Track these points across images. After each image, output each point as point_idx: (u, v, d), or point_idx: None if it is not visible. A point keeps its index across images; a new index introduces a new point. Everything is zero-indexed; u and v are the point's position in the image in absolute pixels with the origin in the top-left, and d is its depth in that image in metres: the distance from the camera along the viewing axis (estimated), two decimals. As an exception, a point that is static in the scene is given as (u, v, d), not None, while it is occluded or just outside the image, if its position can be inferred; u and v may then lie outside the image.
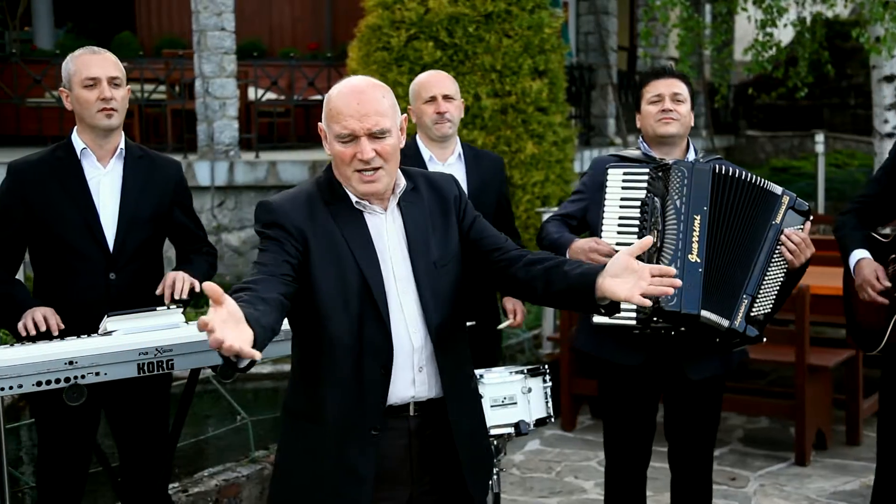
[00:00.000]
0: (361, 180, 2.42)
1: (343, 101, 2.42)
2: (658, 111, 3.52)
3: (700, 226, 3.29)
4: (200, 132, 9.20)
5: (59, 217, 3.27)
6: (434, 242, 2.53)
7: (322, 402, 2.48)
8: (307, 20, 13.86)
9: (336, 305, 2.42)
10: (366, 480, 2.45)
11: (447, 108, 3.92)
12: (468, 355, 2.66)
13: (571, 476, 5.20)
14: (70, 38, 12.94)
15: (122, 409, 3.42)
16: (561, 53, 7.44)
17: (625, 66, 15.28)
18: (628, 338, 3.40)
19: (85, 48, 3.37)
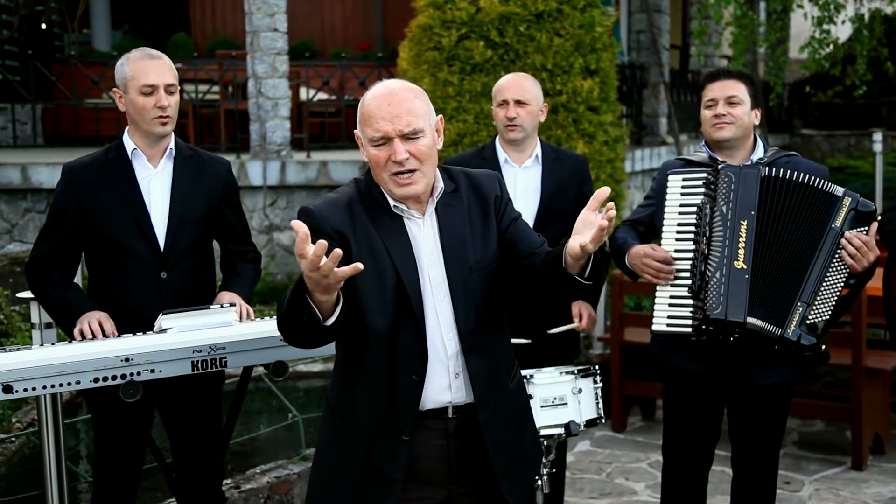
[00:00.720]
0: (398, 183, 2.41)
1: (375, 105, 2.40)
2: (712, 115, 3.48)
3: (747, 231, 3.24)
4: (253, 132, 9.30)
5: (111, 217, 3.32)
6: (471, 246, 2.49)
7: (355, 403, 2.50)
8: (358, 20, 13.93)
9: (373, 309, 2.42)
10: (394, 482, 2.45)
11: (517, 114, 3.89)
12: (508, 358, 2.62)
13: (622, 478, 5.17)
14: (127, 39, 13.15)
15: (176, 406, 3.47)
16: (612, 52, 7.38)
17: (677, 65, 15.13)
18: (690, 343, 3.37)
19: (141, 51, 3.38)
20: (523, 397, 2.71)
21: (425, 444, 2.49)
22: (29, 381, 2.71)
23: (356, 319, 2.43)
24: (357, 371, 2.49)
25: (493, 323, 2.53)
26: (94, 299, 3.36)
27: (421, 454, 2.49)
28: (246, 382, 3.18)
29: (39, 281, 3.36)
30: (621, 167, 7.51)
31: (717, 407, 3.58)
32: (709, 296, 3.23)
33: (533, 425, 2.75)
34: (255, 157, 9.17)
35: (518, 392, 2.66)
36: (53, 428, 3.33)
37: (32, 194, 8.61)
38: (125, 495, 3.48)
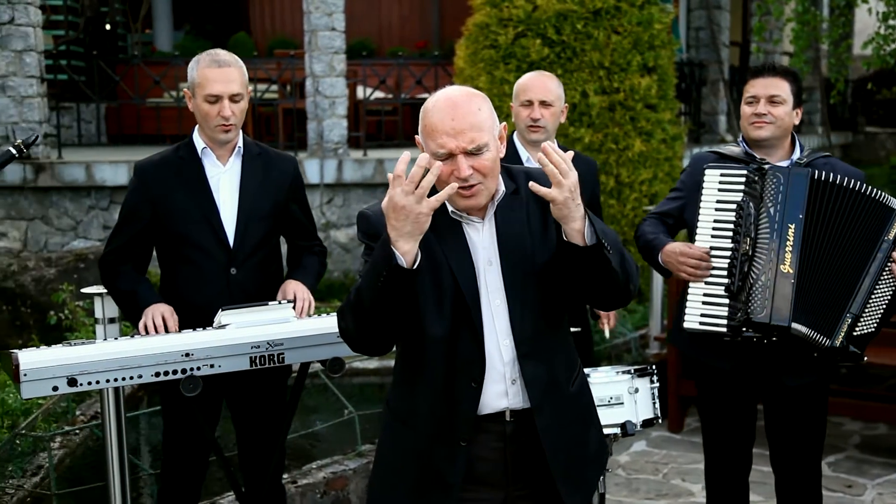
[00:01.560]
0: (460, 195, 2.37)
1: (438, 117, 2.33)
2: (751, 113, 3.42)
3: (794, 235, 3.18)
4: (310, 130, 9.38)
5: (181, 214, 3.38)
6: (530, 249, 2.45)
7: (414, 408, 2.49)
8: (415, 19, 13.98)
9: (432, 315, 2.40)
10: (452, 488, 2.44)
11: (541, 115, 3.87)
12: (568, 360, 2.57)
13: (678, 478, 5.12)
14: (188, 39, 13.36)
15: (243, 400, 3.53)
16: (671, 49, 7.31)
17: (737, 62, 14.92)
18: (719, 342, 3.33)
19: (211, 57, 3.37)
20: (586, 398, 2.66)
21: (482, 447, 2.48)
22: (92, 374, 2.77)
23: (415, 326, 2.42)
24: (416, 378, 2.48)
25: (551, 326, 2.49)
26: (164, 295, 3.42)
27: (478, 456, 2.48)
28: (303, 378, 3.21)
29: (110, 275, 3.43)
30: (679, 165, 7.44)
31: (749, 406, 3.53)
32: (753, 298, 3.18)
33: (598, 426, 2.69)
34: (313, 156, 9.26)
35: (580, 394, 2.61)
36: (116, 421, 3.40)
37: (96, 192, 8.79)
38: (191, 486, 3.54)
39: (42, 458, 4.63)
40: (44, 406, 5.04)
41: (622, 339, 6.66)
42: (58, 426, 4.98)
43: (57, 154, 9.09)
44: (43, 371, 2.72)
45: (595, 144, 6.92)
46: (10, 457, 4.55)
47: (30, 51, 8.71)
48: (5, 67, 8.66)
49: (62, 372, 2.74)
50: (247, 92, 3.43)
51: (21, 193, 8.79)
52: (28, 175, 8.72)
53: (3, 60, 8.65)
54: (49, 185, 8.76)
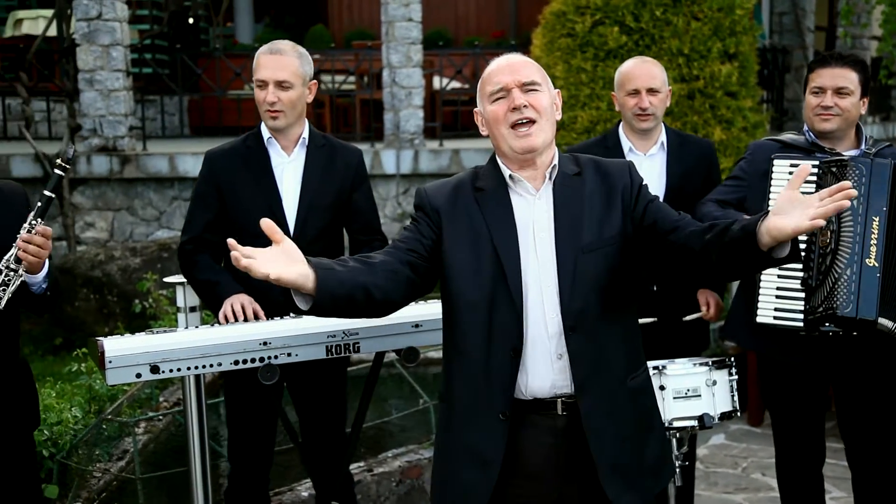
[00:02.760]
0: (516, 136, 2.44)
1: (494, 66, 2.54)
2: (817, 105, 3.33)
3: (879, 227, 3.09)
4: (387, 121, 9.44)
5: (246, 203, 3.43)
6: (587, 227, 2.45)
7: (453, 382, 2.52)
8: (492, 8, 13.94)
9: (468, 286, 2.44)
10: (491, 464, 2.44)
11: (650, 103, 3.76)
12: (627, 353, 2.52)
13: (758, 473, 5.04)
14: (268, 32, 13.54)
15: (305, 388, 3.57)
16: (753, 35, 7.16)
17: (822, 47, 14.54)
18: (787, 336, 3.25)
19: (270, 45, 3.46)
20: (647, 401, 2.60)
21: (532, 440, 2.47)
22: (174, 362, 2.83)
23: (451, 301, 2.48)
24: (455, 349, 2.51)
25: (606, 309, 2.46)
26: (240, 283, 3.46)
27: (528, 449, 2.47)
28: (378, 367, 3.24)
29: (188, 265, 3.50)
30: (761, 154, 7.28)
31: (818, 397, 3.46)
32: (838, 293, 3.10)
33: (661, 436, 2.64)
34: (389, 146, 9.31)
35: (639, 393, 2.56)
36: (197, 407, 3.47)
37: (179, 183, 8.99)
38: (259, 474, 3.61)
39: (127, 442, 4.77)
40: (129, 392, 5.19)
41: (701, 330, 6.56)
42: (142, 412, 5.12)
43: (142, 146, 9.32)
44: (127, 358, 2.79)
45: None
46: (97, 441, 4.69)
47: (116, 45, 8.94)
48: (93, 62, 8.90)
49: (145, 359, 2.81)
50: (306, 83, 3.43)
51: (108, 185, 9.04)
52: (114, 167, 8.96)
53: (91, 55, 8.89)
54: (134, 176, 8.99)
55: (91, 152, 9.03)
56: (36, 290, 2.93)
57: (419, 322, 3.01)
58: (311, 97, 3.50)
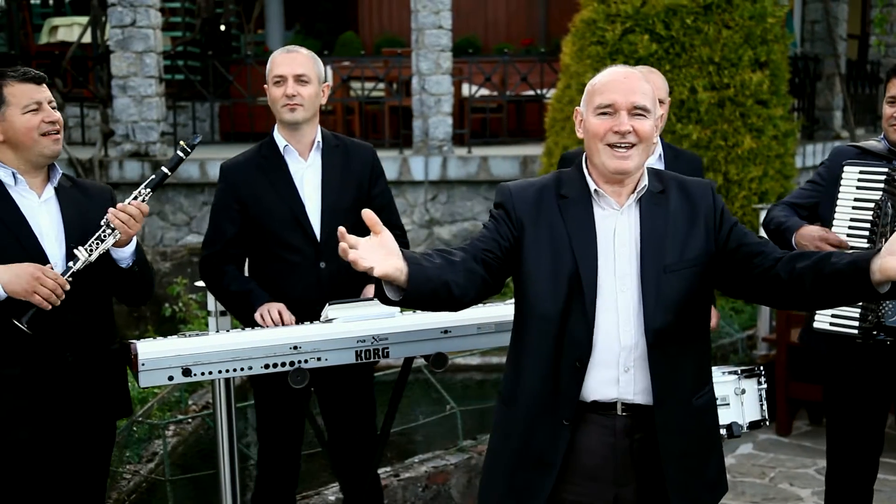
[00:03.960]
0: (613, 156, 2.44)
1: (610, 77, 2.49)
2: (891, 115, 3.30)
3: None
4: (416, 128, 9.47)
5: (268, 212, 3.44)
6: (670, 246, 2.47)
7: (519, 386, 2.53)
8: (522, 16, 13.95)
9: (545, 293, 2.45)
10: (552, 467, 2.46)
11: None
12: (698, 372, 2.55)
13: (786, 483, 5.00)
14: (298, 39, 13.64)
15: (333, 392, 3.58)
16: (784, 44, 7.13)
17: (854, 56, 14.42)
18: (855, 344, 3.23)
19: (284, 47, 3.54)
20: (711, 420, 2.63)
21: (590, 438, 2.48)
22: (206, 365, 2.86)
23: (525, 306, 2.49)
24: (523, 357, 2.53)
25: (684, 329, 2.48)
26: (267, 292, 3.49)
27: (586, 448, 2.49)
28: (407, 373, 3.25)
29: (216, 277, 3.51)
30: (791, 162, 7.25)
31: (880, 410, 3.42)
32: (885, 302, 3.08)
33: (720, 456, 2.66)
34: (418, 153, 9.34)
35: (704, 411, 2.58)
36: (227, 411, 3.50)
37: (209, 188, 9.07)
38: (287, 478, 3.62)
39: (157, 445, 4.81)
40: (159, 395, 5.23)
41: (729, 339, 6.53)
42: (171, 415, 5.16)
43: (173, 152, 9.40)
44: (159, 361, 2.83)
45: (703, 141, 6.80)
46: (128, 443, 4.73)
47: (149, 52, 9.04)
48: (126, 68, 9.01)
49: (177, 362, 2.84)
50: (321, 83, 3.47)
51: (139, 189, 9.12)
52: (146, 172, 9.05)
53: (124, 61, 9.00)
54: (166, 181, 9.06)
55: (123, 158, 9.13)
56: (123, 264, 3.05)
57: (448, 328, 3.02)
58: (324, 99, 3.53)
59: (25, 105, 2.95)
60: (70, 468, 3.05)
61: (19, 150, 2.96)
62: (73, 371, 2.97)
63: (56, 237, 3.00)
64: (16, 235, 2.92)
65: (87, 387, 3.01)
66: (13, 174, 2.98)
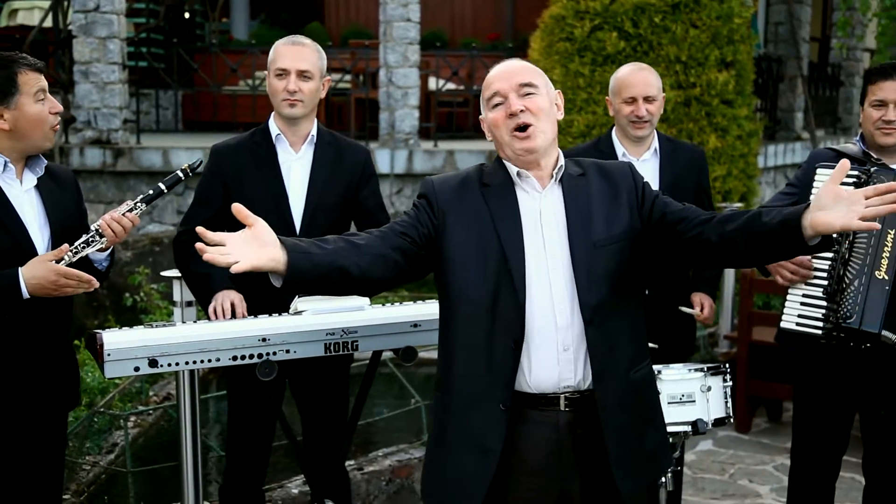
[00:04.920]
0: (517, 138, 2.49)
1: (493, 73, 2.58)
2: (879, 118, 3.30)
3: (893, 241, 3.10)
4: (382, 121, 9.44)
5: (251, 200, 3.37)
6: (597, 224, 2.51)
7: (452, 374, 2.53)
8: (489, 11, 13.97)
9: (472, 278, 2.47)
10: (493, 453, 2.46)
11: (646, 111, 3.77)
12: (635, 346, 2.58)
13: (745, 479, 5.06)
14: (263, 28, 13.54)
15: (307, 385, 3.57)
16: (750, 44, 7.19)
17: (816, 58, 14.61)
18: (823, 345, 3.27)
19: (290, 38, 3.49)
20: (649, 394, 2.66)
21: (534, 434, 2.49)
22: (173, 356, 2.83)
23: (451, 293, 2.51)
24: (455, 343, 2.53)
25: (618, 305, 2.51)
26: (232, 280, 3.47)
27: (531, 445, 2.49)
28: (375, 366, 3.24)
29: (183, 255, 3.49)
30: (754, 162, 7.32)
31: (847, 411, 3.47)
32: (844, 303, 3.12)
33: (660, 426, 2.69)
34: (384, 146, 9.31)
35: (643, 384, 2.61)
36: (191, 402, 3.46)
37: (172, 177, 8.97)
38: (256, 470, 3.60)
39: (117, 436, 4.76)
40: (120, 386, 5.18)
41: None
42: (132, 406, 5.11)
43: (136, 139, 9.29)
44: (126, 352, 2.79)
45: (668, 140, 6.84)
46: (88, 434, 4.68)
47: (113, 38, 8.91)
48: (89, 54, 8.88)
49: (144, 353, 2.80)
50: (322, 77, 3.46)
51: (100, 177, 9.01)
52: (108, 159, 8.93)
53: (87, 47, 8.87)
54: (127, 169, 8.96)
55: (84, 144, 9.01)
56: (98, 266, 3.07)
57: (418, 322, 3.02)
58: (324, 93, 3.52)
59: (35, 94, 2.91)
60: (23, 460, 3.01)
61: (22, 139, 2.92)
62: (30, 362, 2.94)
63: (39, 227, 2.97)
64: (3, 223, 2.89)
65: (42, 378, 2.98)
66: (4, 162, 2.93)
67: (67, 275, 2.83)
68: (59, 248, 2.91)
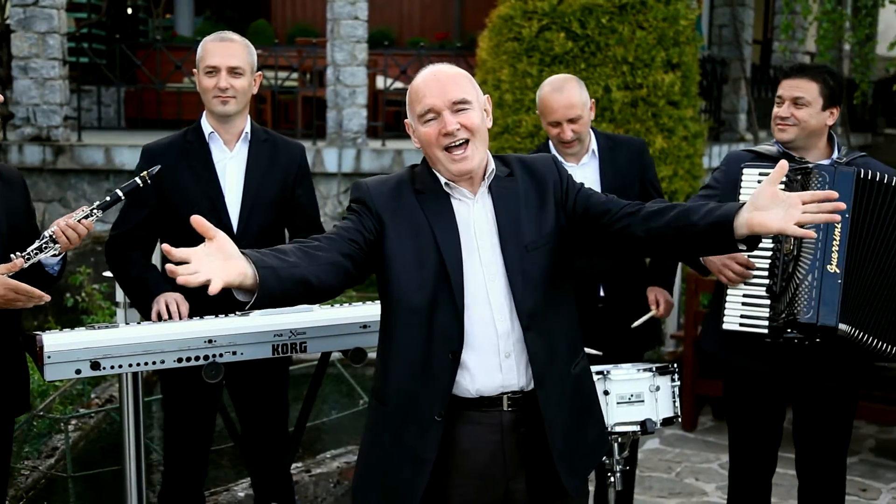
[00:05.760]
0: (452, 159, 2.43)
1: (422, 83, 2.46)
2: (775, 115, 3.39)
3: (841, 234, 3.14)
4: (330, 119, 9.38)
5: (186, 199, 3.36)
6: (527, 226, 2.49)
7: (388, 382, 2.50)
8: (436, 10, 13.95)
9: (411, 285, 2.42)
10: (425, 464, 2.43)
11: (572, 132, 3.73)
12: (571, 342, 2.58)
13: (692, 477, 5.10)
14: (208, 25, 13.37)
15: (245, 387, 3.51)
16: (695, 46, 7.27)
17: (758, 60, 14.84)
18: (757, 342, 3.31)
19: (217, 34, 3.43)
20: (587, 387, 2.67)
21: (477, 436, 2.47)
22: (116, 358, 2.78)
23: (390, 302, 2.47)
24: (392, 350, 2.50)
25: (553, 304, 2.51)
26: (168, 281, 3.41)
27: (474, 447, 2.47)
28: (324, 367, 3.21)
29: (119, 260, 3.43)
30: (700, 163, 7.40)
31: (779, 408, 3.52)
32: (798, 299, 3.15)
33: (599, 418, 2.71)
34: (331, 145, 9.25)
35: (581, 379, 2.62)
36: (134, 405, 3.39)
37: (115, 175, 8.82)
38: (195, 474, 3.54)
39: (58, 439, 4.65)
40: (61, 388, 5.07)
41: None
42: (73, 409, 5.00)
43: (77, 137, 9.11)
44: (67, 354, 2.73)
45: (616, 140, 6.88)
46: (27, 438, 4.57)
47: (53, 33, 8.73)
48: (28, 49, 8.68)
49: (85, 355, 2.75)
50: (253, 73, 3.41)
51: (40, 175, 8.82)
52: (48, 157, 8.75)
53: (26, 42, 8.67)
54: (68, 167, 8.78)
55: (24, 142, 8.81)
56: (49, 270, 3.00)
57: (367, 323, 3.00)
58: (255, 89, 3.47)
59: None
60: None
61: None
62: None
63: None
64: None
65: None
66: None
67: (18, 290, 2.75)
68: (13, 262, 2.82)
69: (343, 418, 5.38)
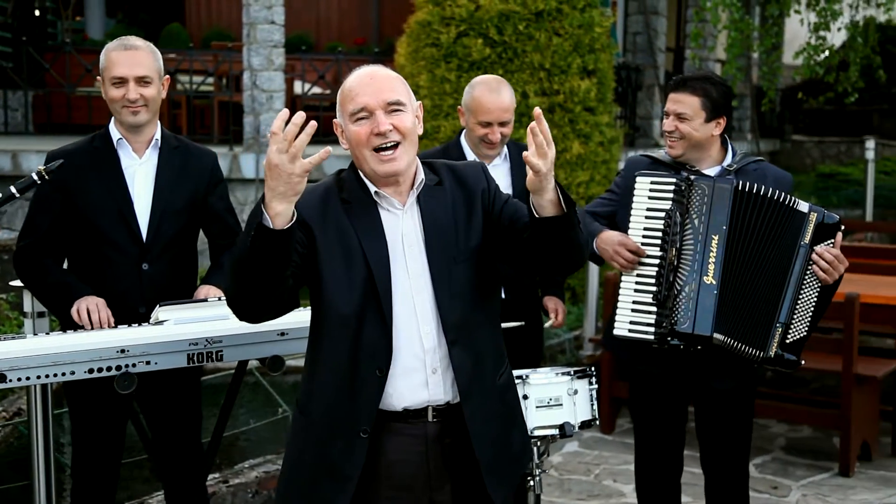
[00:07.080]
0: (380, 160, 2.38)
1: (356, 82, 2.42)
2: (663, 129, 3.46)
3: (718, 246, 3.23)
4: (247, 125, 9.27)
5: (94, 206, 3.27)
6: (455, 237, 2.46)
7: (312, 396, 2.46)
8: (354, 15, 13.91)
9: (340, 298, 2.38)
10: (348, 480, 2.40)
11: (501, 134, 3.79)
12: (496, 353, 2.56)
13: (610, 479, 5.17)
14: (121, 28, 13.09)
15: (155, 398, 3.42)
16: (610, 53, 7.39)
17: (671, 67, 15.14)
18: (649, 347, 3.37)
19: (120, 41, 3.34)
20: (511, 395, 2.65)
21: (401, 449, 2.44)
22: (23, 370, 2.68)
23: (320, 314, 2.42)
24: (319, 363, 2.45)
25: (479, 316, 2.48)
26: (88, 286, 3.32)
27: (398, 460, 2.45)
28: (241, 376, 3.16)
29: (32, 269, 3.32)
30: (615, 168, 7.52)
31: (679, 409, 3.59)
32: (678, 309, 3.24)
33: (522, 425, 2.70)
34: (249, 150, 9.14)
35: (505, 389, 2.60)
36: (43, 418, 3.30)
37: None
38: (105, 488, 3.43)
39: (-37, 455, 4.49)
40: (-35, 401, 4.89)
41: (557, 339, 6.71)
42: (-21, 422, 4.84)
43: (-18, 142, 8.83)
44: (-30, 366, 2.63)
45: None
46: (-71, 454, 4.40)
47: (-45, 34, 8.45)
48: (-71, 50, 8.39)
49: (-9, 367, 2.65)
50: (161, 78, 3.35)
51: (-57, 181, 8.53)
52: (-49, 162, 8.46)
53: (-74, 43, 8.38)
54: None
55: (-75, 146, 8.50)
56: None
57: (285, 330, 2.95)
58: (164, 93, 3.40)
59: None
60: None
61: None
62: None
63: None
64: None
65: None
66: None
67: None
68: None
69: (261, 427, 5.30)
